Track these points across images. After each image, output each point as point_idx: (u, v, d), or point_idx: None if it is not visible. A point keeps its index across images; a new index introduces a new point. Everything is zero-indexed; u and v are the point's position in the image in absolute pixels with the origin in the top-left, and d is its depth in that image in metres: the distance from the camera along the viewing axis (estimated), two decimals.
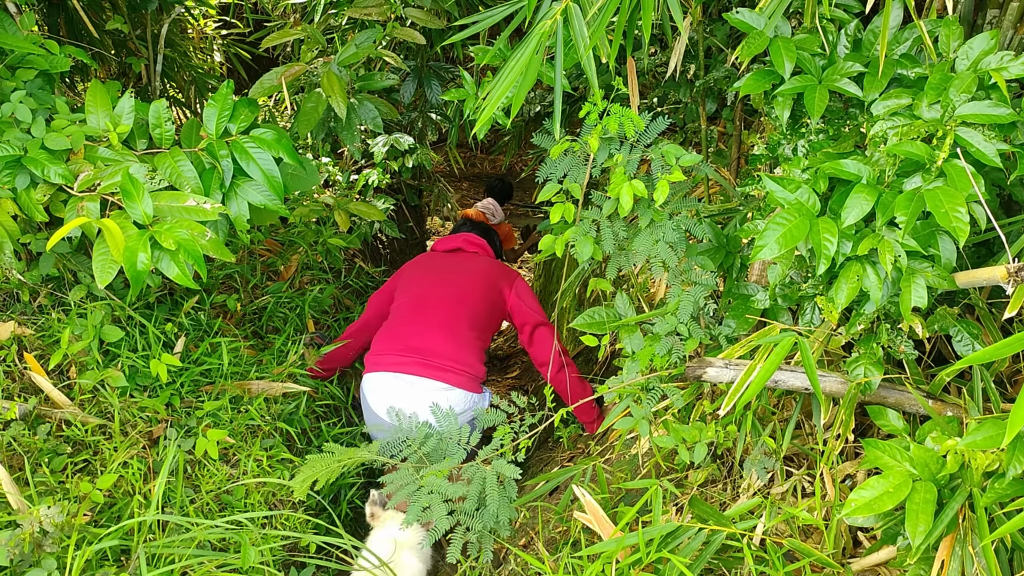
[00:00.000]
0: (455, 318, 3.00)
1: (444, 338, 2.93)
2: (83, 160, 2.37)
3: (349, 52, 3.07)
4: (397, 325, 3.01)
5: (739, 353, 2.10)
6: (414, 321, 2.99)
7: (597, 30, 1.87)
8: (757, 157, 2.21)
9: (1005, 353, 1.34)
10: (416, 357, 2.86)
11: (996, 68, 1.71)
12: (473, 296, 3.09)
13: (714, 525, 2.07)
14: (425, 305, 3.04)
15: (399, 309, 3.09)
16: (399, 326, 2.99)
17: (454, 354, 2.90)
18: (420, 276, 3.26)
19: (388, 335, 2.97)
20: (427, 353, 2.87)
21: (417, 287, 3.17)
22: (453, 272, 3.22)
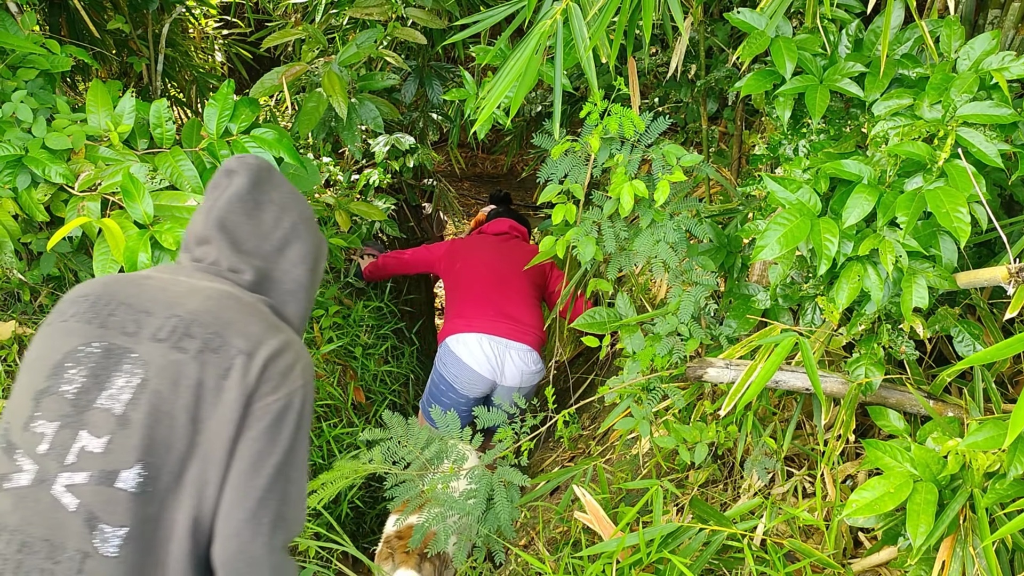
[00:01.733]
0: (528, 289, 3.37)
1: (526, 306, 3.29)
2: (84, 160, 2.37)
3: (350, 52, 3.07)
4: (482, 292, 3.30)
5: (740, 353, 2.10)
6: (499, 290, 3.31)
7: (597, 30, 1.87)
8: (758, 157, 2.21)
9: (1006, 354, 1.34)
10: (509, 322, 3.18)
11: (997, 68, 1.71)
12: (532, 271, 3.43)
13: (715, 525, 2.07)
14: (503, 277, 3.36)
15: (477, 279, 3.39)
16: (485, 292, 3.29)
17: (533, 321, 3.26)
18: (487, 252, 3.57)
19: (475, 301, 3.25)
20: (516, 319, 3.20)
21: (490, 261, 3.47)
22: (513, 253, 3.56)
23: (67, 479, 1.09)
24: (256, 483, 1.14)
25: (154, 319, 1.19)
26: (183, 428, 1.13)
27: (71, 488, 1.09)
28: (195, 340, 1.17)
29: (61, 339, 1.19)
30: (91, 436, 1.11)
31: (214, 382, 1.15)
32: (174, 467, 1.12)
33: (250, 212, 1.33)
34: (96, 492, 1.09)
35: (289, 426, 1.19)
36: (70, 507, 1.08)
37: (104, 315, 1.20)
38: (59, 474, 1.10)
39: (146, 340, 1.17)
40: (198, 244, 1.35)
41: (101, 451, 1.10)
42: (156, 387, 1.14)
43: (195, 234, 1.35)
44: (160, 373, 1.14)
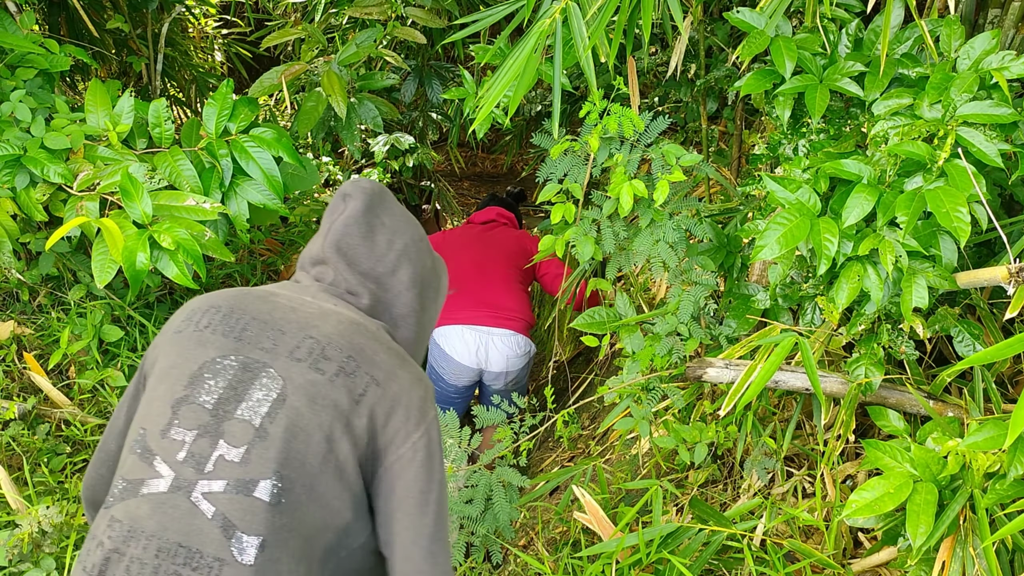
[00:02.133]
0: (511, 274, 3.48)
1: (507, 292, 3.39)
2: (83, 159, 2.37)
3: (350, 51, 3.06)
4: (464, 283, 3.41)
5: (739, 353, 2.10)
6: (480, 279, 3.42)
7: (597, 29, 1.87)
8: (758, 157, 2.21)
9: (1006, 354, 1.33)
10: (489, 310, 3.30)
11: (997, 68, 1.70)
12: (517, 257, 3.56)
13: (714, 526, 2.07)
14: (484, 267, 3.46)
15: (459, 270, 3.46)
16: (467, 283, 3.40)
17: (515, 305, 3.37)
18: (471, 243, 3.65)
19: (457, 293, 3.36)
20: (497, 306, 3.32)
21: (472, 252, 3.57)
22: (496, 240, 3.66)
23: (205, 487, 1.13)
24: (426, 521, 1.23)
25: (289, 338, 1.23)
26: (317, 446, 1.17)
27: (208, 496, 1.12)
28: (331, 363, 1.21)
29: (196, 349, 1.23)
30: (229, 446, 1.15)
31: (348, 406, 1.19)
32: (306, 481, 1.16)
33: (364, 234, 1.36)
34: (233, 501, 1.12)
35: (437, 459, 1.26)
36: (207, 514, 1.11)
37: (238, 329, 1.24)
38: (198, 481, 1.13)
39: (283, 357, 1.21)
40: (314, 264, 1.40)
41: (239, 461, 1.14)
42: (293, 403, 1.17)
43: (311, 255, 1.40)
44: (297, 391, 1.18)
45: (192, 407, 1.17)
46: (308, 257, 1.41)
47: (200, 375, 1.19)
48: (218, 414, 1.16)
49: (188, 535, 1.10)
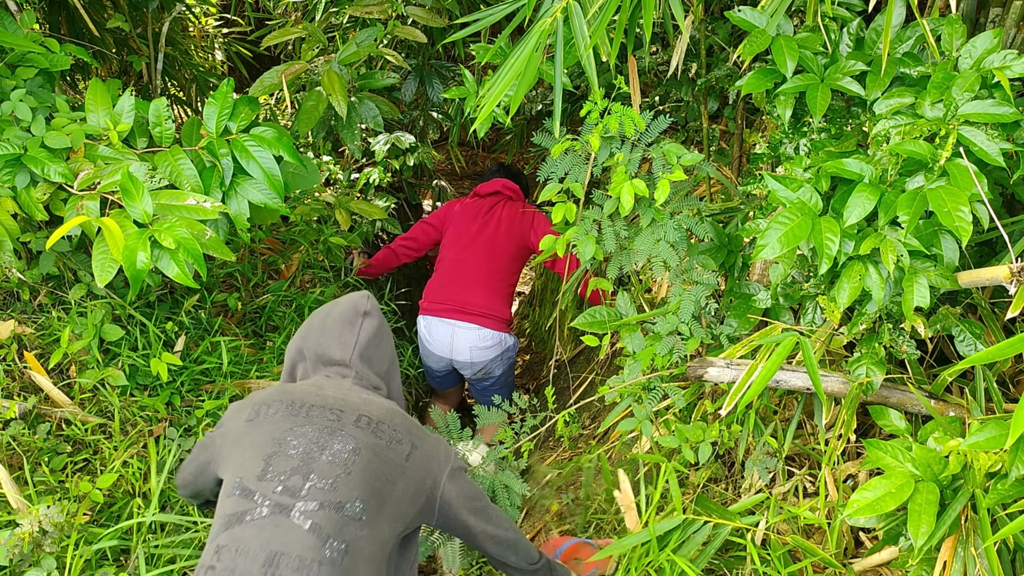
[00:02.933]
0: (490, 275, 3.68)
1: (481, 292, 3.62)
2: (83, 159, 2.37)
3: (350, 50, 3.06)
4: (445, 279, 3.71)
5: (741, 353, 2.10)
6: (458, 279, 3.67)
7: (598, 28, 1.86)
8: (759, 156, 2.21)
9: (1008, 353, 1.33)
10: (459, 307, 3.57)
11: (999, 67, 1.70)
12: (502, 250, 3.74)
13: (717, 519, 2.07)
14: (464, 265, 3.70)
15: (445, 264, 3.76)
16: (447, 281, 3.69)
17: (487, 304, 3.61)
18: (469, 225, 3.83)
19: (438, 287, 3.69)
20: (468, 304, 3.58)
21: (459, 247, 3.78)
22: (495, 221, 3.82)
23: (302, 507, 1.47)
24: (491, 525, 1.78)
25: (348, 415, 1.63)
26: (384, 482, 1.58)
27: (305, 513, 1.47)
28: (385, 434, 1.64)
29: (274, 425, 1.60)
30: (320, 478, 1.52)
31: (399, 461, 1.63)
32: (376, 506, 1.54)
33: (377, 344, 1.82)
34: (327, 516, 1.48)
35: (471, 482, 1.78)
36: (305, 527, 1.45)
37: (303, 413, 1.62)
38: (295, 504, 1.48)
39: (349, 425, 1.61)
40: (330, 365, 1.78)
41: (329, 488, 1.51)
42: (365, 454, 1.58)
43: (329, 358, 1.79)
44: (367, 446, 1.59)
45: (282, 457, 1.53)
46: (322, 358, 1.79)
47: (284, 438, 1.57)
48: (306, 460, 1.53)
49: (289, 545, 1.43)
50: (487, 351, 3.61)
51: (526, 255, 3.88)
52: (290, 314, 3.62)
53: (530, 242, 3.81)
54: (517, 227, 3.79)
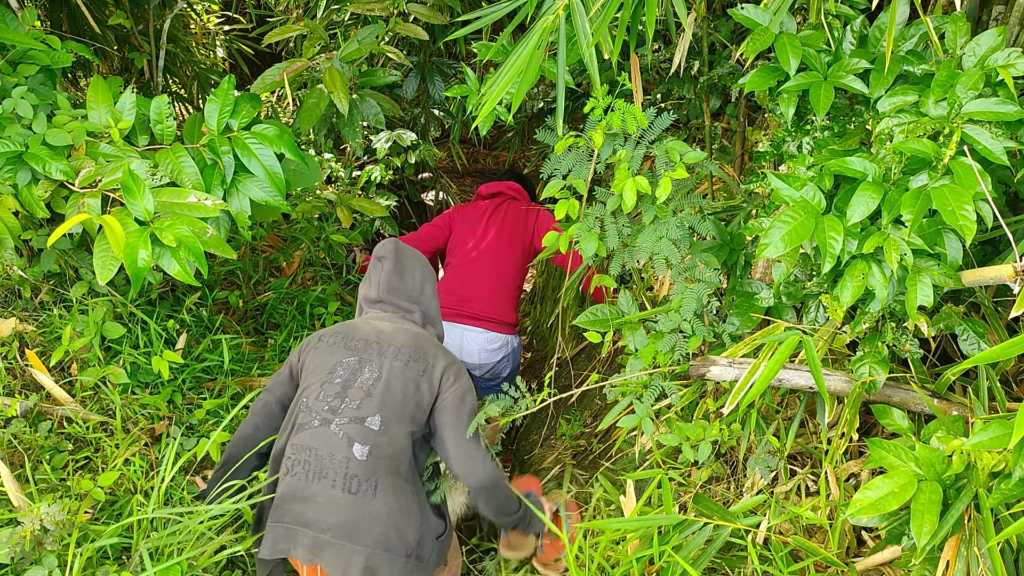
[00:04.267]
0: (496, 279, 3.75)
1: (489, 297, 3.70)
2: (84, 156, 2.37)
3: (352, 48, 3.06)
4: (453, 284, 3.77)
5: (743, 351, 2.09)
6: (466, 284, 3.73)
7: (600, 26, 1.86)
8: (761, 154, 2.20)
9: (1011, 352, 1.33)
10: (468, 312, 3.65)
11: (1003, 65, 1.70)
12: (507, 253, 3.79)
13: (719, 520, 2.06)
14: (471, 270, 3.76)
15: (452, 269, 3.82)
16: (454, 287, 3.75)
17: (495, 309, 3.68)
18: (468, 237, 3.86)
19: (446, 292, 3.73)
20: (476, 310, 3.66)
21: (465, 251, 3.83)
22: (499, 222, 3.86)
23: (338, 421, 2.15)
24: (462, 428, 2.22)
25: (380, 345, 2.29)
26: (399, 397, 2.19)
27: (340, 426, 2.14)
28: (404, 355, 2.26)
29: (331, 355, 2.28)
30: (351, 401, 2.18)
31: (414, 378, 2.24)
32: (391, 419, 2.17)
33: (399, 278, 2.45)
34: (354, 428, 2.13)
35: (468, 399, 2.27)
36: (339, 435, 2.13)
37: (350, 345, 2.30)
38: (334, 419, 2.15)
39: (376, 356, 2.26)
40: (373, 304, 2.46)
41: (355, 408, 2.16)
42: (385, 377, 2.22)
43: (369, 298, 2.47)
44: (388, 371, 2.23)
45: (330, 385, 2.21)
46: (366, 299, 2.49)
47: (334, 368, 2.25)
48: (344, 387, 2.20)
49: (331, 447, 2.11)
50: (495, 352, 3.66)
51: (532, 254, 3.90)
52: (291, 311, 3.62)
53: (534, 241, 3.85)
54: (520, 228, 3.82)
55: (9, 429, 2.46)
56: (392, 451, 2.14)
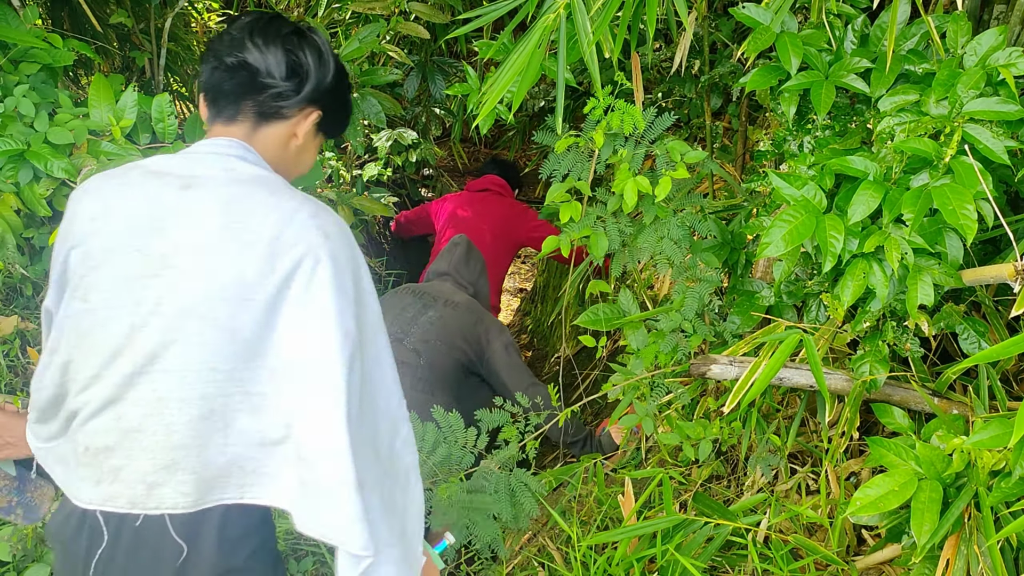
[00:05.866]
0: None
1: None
2: (86, 154, 2.37)
3: (353, 47, 3.06)
4: None
5: (744, 350, 2.09)
6: None
7: (601, 25, 1.86)
8: (762, 153, 2.20)
9: (1012, 352, 1.33)
10: None
11: (1004, 64, 1.70)
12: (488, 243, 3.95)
13: (719, 520, 2.07)
14: None
15: (436, 250, 4.02)
16: None
17: None
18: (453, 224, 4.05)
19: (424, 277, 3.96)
20: None
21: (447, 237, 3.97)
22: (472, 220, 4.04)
23: (408, 340, 2.84)
24: (515, 365, 3.07)
25: (441, 298, 3.04)
26: (450, 332, 2.91)
27: (409, 344, 2.82)
28: (460, 308, 3.02)
29: (402, 300, 3.05)
30: (418, 329, 2.88)
31: (465, 324, 2.96)
32: (445, 346, 2.88)
33: (464, 264, 3.34)
34: (420, 346, 2.83)
35: (513, 350, 3.09)
36: (409, 348, 2.82)
37: (417, 293, 3.07)
38: (404, 339, 2.85)
39: (439, 304, 2.99)
40: (440, 275, 3.33)
41: (421, 333, 2.87)
42: (442, 319, 2.94)
43: (439, 271, 3.35)
44: (443, 314, 2.97)
45: (401, 319, 2.92)
46: (435, 271, 3.36)
47: (405, 307, 2.97)
48: (412, 320, 2.91)
49: (405, 357, 2.80)
50: None
51: (515, 249, 4.09)
52: None
53: (520, 237, 4.03)
54: (505, 223, 4.00)
55: None
56: (444, 369, 2.85)
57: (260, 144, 1.45)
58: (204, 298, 1.27)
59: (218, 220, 1.30)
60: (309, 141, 1.53)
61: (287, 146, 1.50)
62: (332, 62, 1.50)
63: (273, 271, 1.27)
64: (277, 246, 1.28)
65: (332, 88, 1.50)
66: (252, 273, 1.27)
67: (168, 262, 1.29)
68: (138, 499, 1.28)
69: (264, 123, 1.45)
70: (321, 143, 1.61)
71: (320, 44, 1.49)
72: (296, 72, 1.43)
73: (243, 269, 1.27)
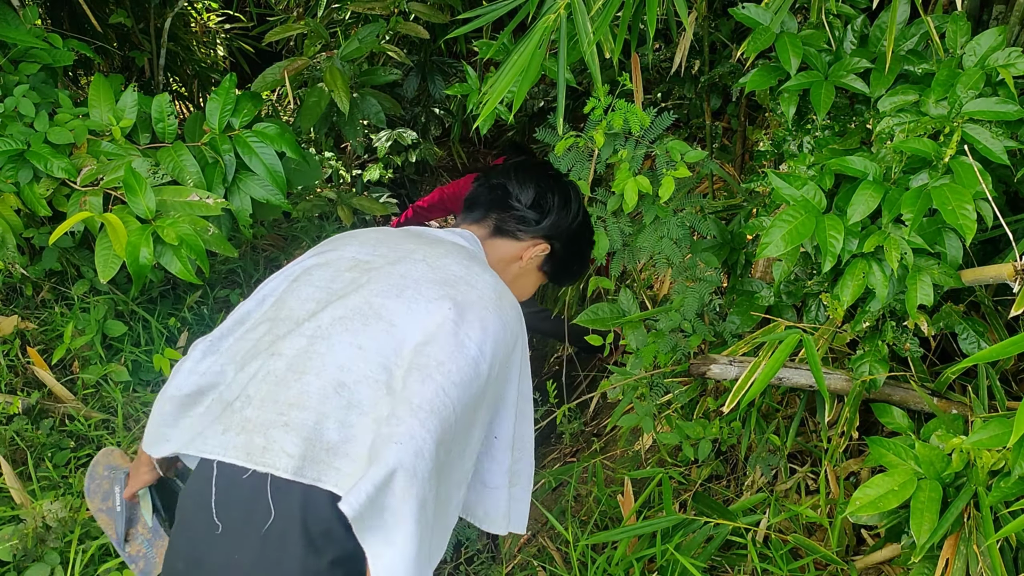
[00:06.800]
0: None
1: None
2: (86, 154, 2.37)
3: (352, 47, 3.06)
4: None
5: (743, 350, 2.10)
6: None
7: (601, 25, 1.86)
8: (762, 153, 2.20)
9: (1011, 351, 1.33)
10: None
11: (1004, 64, 1.70)
12: None
13: (719, 519, 2.07)
14: None
15: None
16: None
17: None
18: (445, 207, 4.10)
19: None
20: None
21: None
22: None
23: None
24: None
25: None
26: None
27: None
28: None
29: None
30: None
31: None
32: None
33: None
34: None
35: None
36: None
37: None
38: None
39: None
40: None
41: None
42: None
43: None
44: None
45: None
46: None
47: None
48: None
49: None
50: None
51: None
52: None
53: None
54: None
55: (11, 427, 2.46)
56: None
57: (489, 249, 1.66)
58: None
59: None
60: (531, 272, 1.73)
61: (509, 265, 1.69)
62: (577, 212, 1.73)
63: None
64: None
65: (569, 233, 1.71)
66: None
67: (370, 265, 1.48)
68: (254, 452, 1.28)
69: (499, 236, 1.68)
70: (541, 281, 1.79)
71: (570, 192, 1.74)
72: (540, 206, 1.68)
73: None
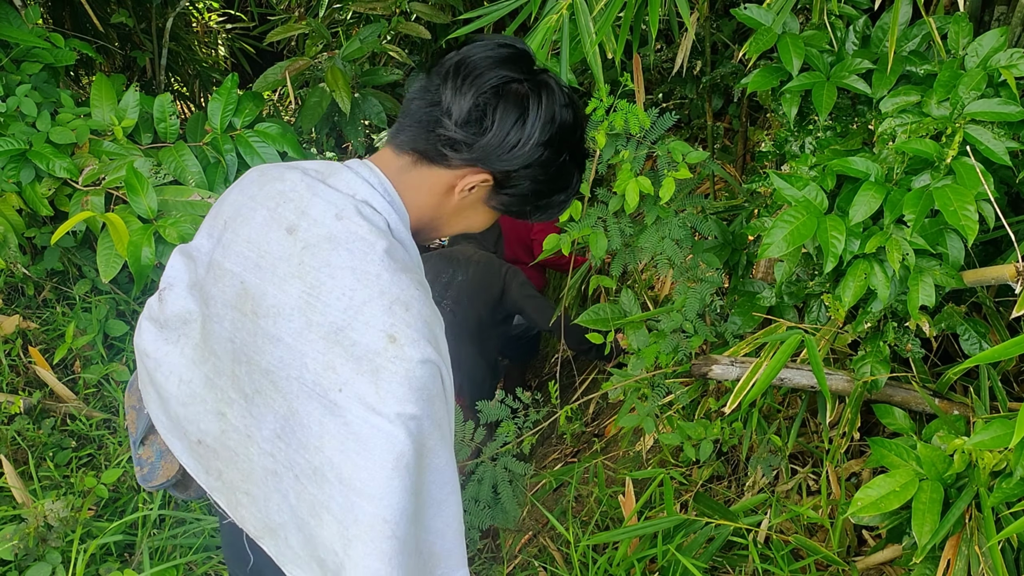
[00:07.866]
0: None
1: None
2: (88, 154, 2.37)
3: (354, 47, 3.06)
4: None
5: (745, 350, 2.09)
6: None
7: (603, 25, 1.86)
8: (764, 154, 2.20)
9: (1012, 352, 1.33)
10: None
11: (1006, 65, 1.70)
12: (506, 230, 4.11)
13: (720, 519, 2.07)
14: None
15: None
16: None
17: None
18: None
19: None
20: None
21: None
22: None
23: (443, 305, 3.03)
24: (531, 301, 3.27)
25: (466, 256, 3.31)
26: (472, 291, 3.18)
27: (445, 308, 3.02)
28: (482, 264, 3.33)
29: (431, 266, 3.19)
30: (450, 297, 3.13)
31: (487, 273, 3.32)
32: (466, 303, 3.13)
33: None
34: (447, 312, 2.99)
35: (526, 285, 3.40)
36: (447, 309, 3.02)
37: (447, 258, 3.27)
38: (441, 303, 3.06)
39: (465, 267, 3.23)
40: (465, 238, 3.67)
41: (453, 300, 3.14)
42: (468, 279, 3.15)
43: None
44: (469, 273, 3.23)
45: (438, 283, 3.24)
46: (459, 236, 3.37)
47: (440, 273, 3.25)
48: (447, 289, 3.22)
49: None
50: None
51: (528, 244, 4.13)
52: None
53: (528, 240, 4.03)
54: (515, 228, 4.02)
55: (13, 426, 2.46)
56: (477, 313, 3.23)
57: (411, 182, 1.25)
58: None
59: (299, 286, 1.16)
60: (473, 206, 1.30)
61: (443, 199, 1.27)
62: (537, 135, 1.20)
63: None
64: None
65: (521, 159, 1.20)
66: None
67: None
68: (231, 505, 1.25)
69: (426, 164, 1.23)
70: (494, 216, 1.35)
71: (529, 100, 1.19)
72: (476, 122, 1.17)
73: None
